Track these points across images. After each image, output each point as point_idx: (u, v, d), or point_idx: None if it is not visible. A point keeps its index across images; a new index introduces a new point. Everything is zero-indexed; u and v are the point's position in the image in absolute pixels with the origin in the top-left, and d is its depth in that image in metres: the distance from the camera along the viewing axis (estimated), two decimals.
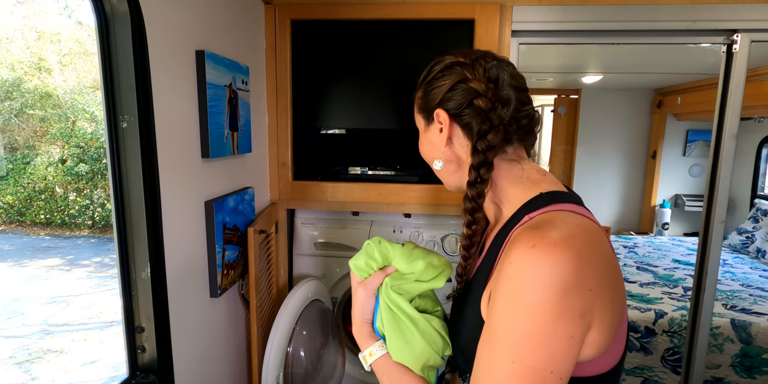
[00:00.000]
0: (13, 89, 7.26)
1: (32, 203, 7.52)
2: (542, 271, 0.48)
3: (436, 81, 0.67)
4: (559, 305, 0.48)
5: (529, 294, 0.49)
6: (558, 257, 0.48)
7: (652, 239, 3.67)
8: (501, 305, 0.51)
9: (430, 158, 0.71)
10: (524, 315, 0.49)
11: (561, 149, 4.11)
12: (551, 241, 0.49)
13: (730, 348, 2.01)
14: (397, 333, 0.67)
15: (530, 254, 0.49)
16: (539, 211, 0.58)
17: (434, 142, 0.68)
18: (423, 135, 0.72)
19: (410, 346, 0.67)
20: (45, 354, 3.93)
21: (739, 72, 1.33)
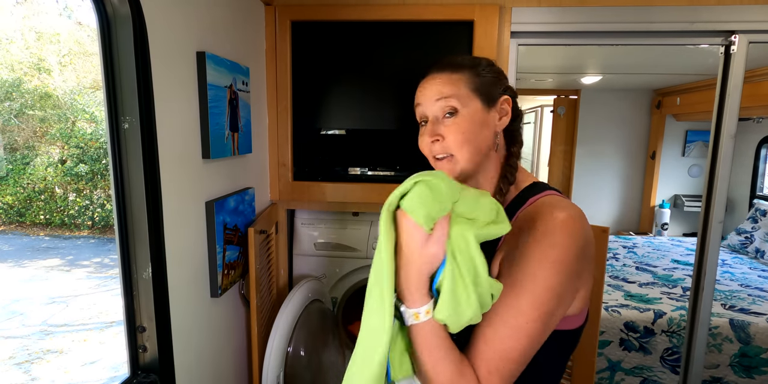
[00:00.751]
0: (12, 90, 7.26)
1: (32, 204, 7.52)
2: (567, 236, 0.62)
3: (498, 72, 0.77)
4: (573, 265, 0.62)
5: (555, 253, 0.61)
6: (577, 227, 0.63)
7: (652, 239, 3.68)
8: (529, 262, 0.62)
9: (474, 140, 0.72)
10: (551, 271, 0.61)
11: (560, 150, 4.12)
12: (571, 215, 0.64)
13: (728, 348, 2.01)
14: (452, 295, 0.58)
15: (557, 223, 0.63)
16: (540, 194, 0.70)
17: (488, 125, 0.74)
18: (471, 116, 0.72)
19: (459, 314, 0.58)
20: (45, 354, 3.93)
21: (737, 73, 1.33)
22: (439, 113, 0.73)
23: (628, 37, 1.33)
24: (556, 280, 0.61)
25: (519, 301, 0.62)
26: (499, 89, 0.75)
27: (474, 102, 0.72)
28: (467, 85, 0.73)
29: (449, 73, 0.74)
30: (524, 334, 0.62)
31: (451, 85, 0.72)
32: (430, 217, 0.57)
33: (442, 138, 0.73)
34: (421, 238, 0.58)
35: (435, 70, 0.75)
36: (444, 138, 0.73)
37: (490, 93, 0.74)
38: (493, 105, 0.74)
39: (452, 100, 0.72)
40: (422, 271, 0.59)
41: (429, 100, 0.74)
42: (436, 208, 0.57)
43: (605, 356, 2.11)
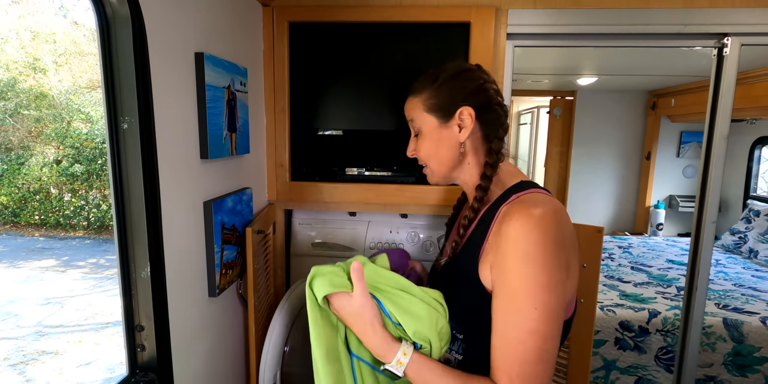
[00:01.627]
0: (7, 89, 7.22)
1: (27, 204, 7.47)
2: (543, 232, 0.64)
3: (454, 82, 0.80)
4: (556, 257, 0.65)
5: (537, 251, 0.64)
6: (552, 222, 0.65)
7: (647, 239, 3.71)
8: (514, 266, 0.65)
9: (435, 155, 0.82)
10: (537, 268, 0.64)
11: (556, 151, 4.14)
12: (546, 211, 0.66)
13: (722, 347, 2.04)
14: (401, 309, 0.69)
15: (528, 221, 0.65)
16: (523, 192, 0.74)
17: (445, 139, 0.80)
18: (428, 135, 0.82)
19: (416, 316, 0.69)
20: (40, 355, 3.91)
21: (729, 75, 1.35)
22: (412, 131, 0.86)
23: (623, 39, 1.35)
24: (545, 275, 0.64)
25: (517, 305, 0.65)
26: (457, 101, 0.78)
27: (429, 121, 0.81)
28: (422, 107, 0.81)
29: (411, 97, 0.84)
30: (532, 333, 0.64)
31: (412, 109, 0.83)
32: (333, 283, 0.71)
33: (416, 153, 0.86)
34: (346, 300, 0.71)
35: (408, 94, 0.86)
36: (417, 153, 0.86)
37: (446, 108, 0.79)
38: (449, 119, 0.79)
39: (414, 122, 0.83)
40: (370, 322, 0.70)
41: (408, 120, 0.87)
42: (328, 277, 0.72)
43: (600, 355, 2.12)
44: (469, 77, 0.80)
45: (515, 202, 0.71)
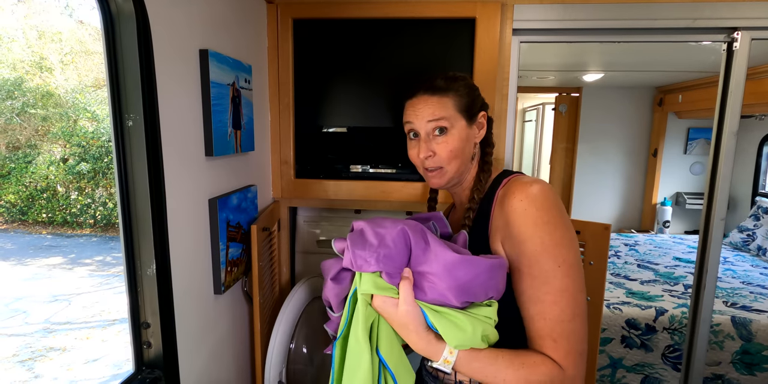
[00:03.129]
0: (14, 88, 7.27)
1: (34, 202, 7.54)
2: (547, 199, 0.71)
3: (474, 90, 0.87)
4: (563, 218, 0.71)
5: (545, 215, 0.69)
6: (547, 191, 0.72)
7: (653, 237, 3.68)
8: (528, 233, 0.69)
9: (461, 155, 0.84)
10: (550, 228, 0.69)
11: (562, 147, 4.12)
12: (543, 185, 0.73)
13: (730, 345, 2.02)
14: (444, 322, 0.67)
15: (530, 192, 0.72)
16: (512, 176, 0.81)
17: (470, 139, 0.85)
18: (459, 133, 0.83)
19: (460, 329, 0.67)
20: (48, 352, 3.95)
21: (739, 70, 1.33)
22: (431, 131, 0.84)
23: (630, 34, 1.33)
24: (558, 233, 0.69)
25: (541, 267, 0.69)
26: (477, 105, 0.86)
27: (460, 121, 0.83)
28: (454, 106, 0.83)
29: (439, 96, 0.83)
30: (563, 291, 0.68)
31: (442, 107, 0.83)
32: (378, 286, 0.68)
33: (434, 154, 0.84)
34: (391, 304, 0.69)
35: (424, 92, 0.84)
36: (435, 154, 0.84)
37: (472, 110, 0.85)
38: (473, 121, 0.85)
39: (443, 121, 0.82)
40: (414, 330, 0.68)
41: (421, 120, 0.83)
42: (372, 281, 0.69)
43: (607, 353, 2.11)
44: (476, 87, 0.90)
45: (510, 183, 0.77)
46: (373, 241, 0.69)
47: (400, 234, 0.69)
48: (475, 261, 0.67)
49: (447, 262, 0.67)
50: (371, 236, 0.70)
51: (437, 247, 0.68)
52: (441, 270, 0.67)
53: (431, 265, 0.68)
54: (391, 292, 0.69)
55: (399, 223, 0.71)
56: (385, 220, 0.74)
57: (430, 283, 0.68)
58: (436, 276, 0.67)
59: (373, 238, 0.70)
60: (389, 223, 0.72)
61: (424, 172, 0.88)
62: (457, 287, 0.67)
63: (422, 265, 0.69)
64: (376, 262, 0.67)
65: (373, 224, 0.73)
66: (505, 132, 1.37)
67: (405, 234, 0.69)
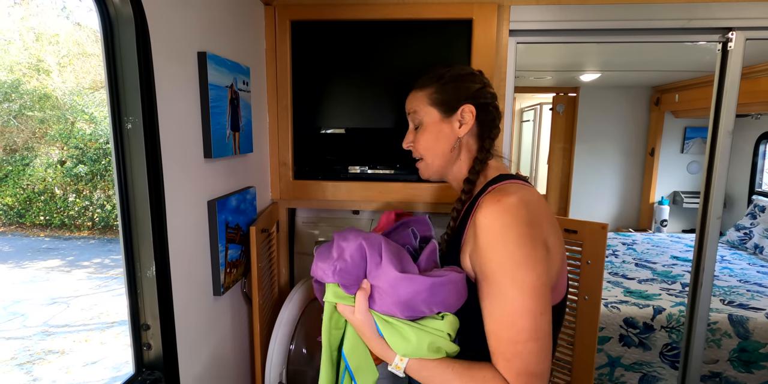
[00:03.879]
0: (11, 91, 7.25)
1: (32, 205, 7.52)
2: (511, 215, 0.68)
3: (459, 81, 0.85)
4: (529, 236, 0.67)
5: (508, 232, 0.67)
6: (516, 206, 0.69)
7: (651, 236, 3.70)
8: (489, 250, 0.68)
9: (433, 148, 0.86)
10: (511, 248, 0.67)
11: (560, 147, 4.13)
12: (510, 198, 0.69)
13: (727, 343, 2.03)
14: (393, 333, 0.72)
15: (498, 206, 0.69)
16: (499, 183, 0.79)
17: (445, 133, 0.85)
18: (429, 127, 0.86)
19: (406, 340, 0.71)
20: (46, 355, 3.94)
21: (734, 70, 1.34)
22: (411, 124, 0.90)
23: (626, 34, 1.34)
24: (519, 253, 0.67)
25: (499, 286, 0.68)
26: (458, 100, 0.84)
27: (432, 114, 0.85)
28: (427, 100, 0.85)
29: (415, 91, 0.88)
30: (520, 313, 0.66)
31: (415, 101, 0.87)
32: (337, 294, 0.75)
33: (413, 144, 0.89)
34: (348, 312, 0.74)
35: (412, 88, 0.90)
36: (414, 144, 0.89)
37: (450, 104, 0.84)
38: (451, 114, 0.84)
39: (416, 115, 0.87)
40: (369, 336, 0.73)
41: (407, 113, 0.91)
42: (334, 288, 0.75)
43: (605, 352, 2.12)
44: (473, 79, 0.87)
45: (489, 193, 0.76)
46: (333, 254, 0.75)
47: (358, 248, 0.74)
48: (415, 279, 0.70)
49: (389, 278, 0.71)
50: (333, 249, 0.76)
51: (386, 263, 0.72)
52: (386, 286, 0.71)
53: (380, 280, 0.72)
54: (349, 301, 0.74)
55: (360, 236, 0.76)
56: (351, 232, 0.78)
57: (380, 295, 0.73)
58: (384, 290, 0.72)
59: (335, 251, 0.75)
60: (352, 236, 0.76)
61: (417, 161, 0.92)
62: (400, 303, 0.70)
63: (375, 278, 0.73)
64: (332, 275, 0.73)
65: (340, 237, 0.78)
66: (503, 132, 1.38)
67: (362, 248, 0.74)
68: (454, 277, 0.71)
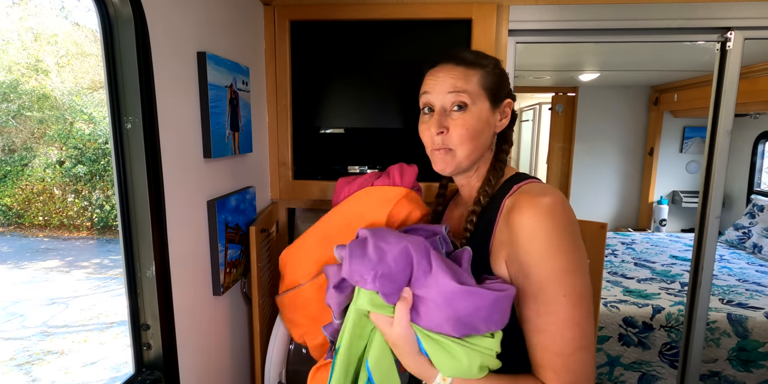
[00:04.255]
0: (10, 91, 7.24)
1: (31, 205, 7.50)
2: (557, 218, 0.64)
3: (504, 74, 0.78)
4: (573, 242, 0.64)
5: (554, 238, 0.63)
6: (559, 208, 0.65)
7: (650, 235, 3.70)
8: (535, 257, 0.64)
9: (476, 138, 0.74)
10: (558, 255, 0.63)
11: (559, 147, 4.13)
12: (549, 199, 0.65)
13: (726, 342, 2.03)
14: (439, 350, 0.64)
15: (540, 209, 0.64)
16: (522, 183, 0.73)
17: (490, 125, 0.76)
18: (478, 113, 0.73)
19: (454, 359, 0.63)
20: (45, 355, 3.93)
21: (732, 69, 1.34)
22: (448, 105, 0.73)
23: (625, 34, 1.34)
24: (565, 260, 0.63)
25: (546, 296, 0.63)
26: (504, 91, 0.77)
27: (483, 100, 0.73)
28: (480, 82, 0.73)
29: (465, 68, 0.73)
30: (567, 322, 0.63)
31: (465, 80, 0.72)
32: (373, 303, 0.65)
33: (446, 130, 0.73)
34: (385, 323, 0.65)
35: (448, 61, 0.74)
36: (448, 131, 0.73)
37: (498, 93, 0.75)
38: (497, 106, 0.76)
39: (464, 95, 0.72)
40: (408, 352, 0.64)
41: (440, 92, 0.73)
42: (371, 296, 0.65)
43: (604, 351, 2.12)
44: (507, 73, 0.79)
45: (519, 193, 0.70)
46: (372, 256, 0.64)
47: (403, 253, 0.64)
48: (478, 293, 0.61)
49: (447, 291, 0.61)
50: (372, 250, 0.65)
51: (439, 272, 0.62)
52: (440, 299, 0.61)
53: (430, 291, 0.62)
54: (387, 311, 0.65)
55: (404, 239, 0.66)
56: (389, 234, 0.68)
57: (428, 309, 0.63)
58: (435, 304, 0.62)
59: (374, 252, 0.64)
60: (393, 238, 0.66)
61: (432, 153, 0.77)
62: (456, 319, 0.61)
63: (422, 288, 0.63)
64: (372, 281, 0.63)
65: (377, 237, 0.67)
66: None
67: (407, 253, 0.64)
68: (512, 291, 0.63)
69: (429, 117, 0.76)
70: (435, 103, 0.74)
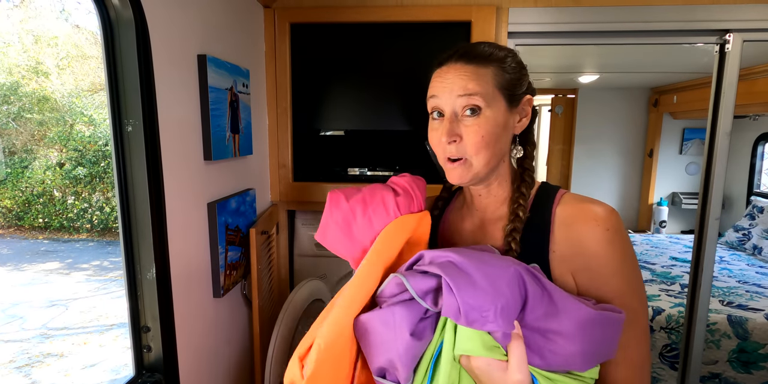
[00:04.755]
0: (10, 93, 7.25)
1: (30, 207, 7.50)
2: (620, 227, 0.63)
3: (523, 67, 0.69)
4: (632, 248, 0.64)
5: (627, 246, 0.63)
6: (616, 215, 0.64)
7: (650, 237, 3.70)
8: (619, 265, 0.62)
9: (495, 144, 0.65)
10: (634, 263, 0.63)
11: (558, 149, 4.14)
12: (605, 207, 0.64)
13: (727, 344, 2.03)
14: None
15: (607, 221, 0.62)
16: (560, 192, 0.69)
17: (508, 127, 0.67)
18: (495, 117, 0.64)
19: None
20: (45, 358, 3.92)
21: (731, 71, 1.35)
22: (459, 110, 0.64)
23: (624, 36, 1.35)
24: (638, 268, 0.64)
25: (629, 309, 0.60)
26: (522, 87, 0.68)
27: (498, 102, 0.65)
28: (494, 81, 0.64)
29: (476, 66, 0.64)
30: (647, 334, 0.63)
31: (478, 81, 0.64)
32: (486, 345, 0.52)
33: (459, 139, 0.64)
34: (498, 368, 0.53)
35: (458, 60, 0.66)
36: (462, 139, 0.64)
37: (515, 92, 0.66)
38: (515, 105, 0.67)
39: (477, 98, 0.63)
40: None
41: (450, 95, 0.64)
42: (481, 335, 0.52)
43: None
44: (525, 65, 0.70)
45: (575, 203, 0.66)
46: (486, 286, 0.51)
47: (515, 278, 0.53)
48: (611, 318, 0.54)
49: (582, 319, 0.52)
50: (481, 278, 0.52)
51: (562, 297, 0.53)
52: (573, 329, 0.52)
53: (558, 322, 0.52)
54: (497, 353, 0.53)
55: (505, 259, 0.56)
56: (484, 254, 0.56)
57: (552, 343, 0.53)
58: (565, 336, 0.52)
59: (484, 280, 0.51)
60: (495, 260, 0.55)
61: (445, 163, 0.67)
62: (591, 351, 0.53)
63: (542, 320, 0.53)
64: (495, 317, 0.50)
65: (475, 259, 0.54)
66: None
67: (520, 278, 0.53)
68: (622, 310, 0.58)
69: (439, 123, 0.66)
70: (444, 107, 0.65)
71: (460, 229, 0.75)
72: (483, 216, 0.73)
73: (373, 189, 0.67)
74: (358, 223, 0.64)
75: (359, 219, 0.64)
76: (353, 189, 0.68)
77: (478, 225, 0.73)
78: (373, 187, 0.68)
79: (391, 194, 0.66)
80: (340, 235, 0.66)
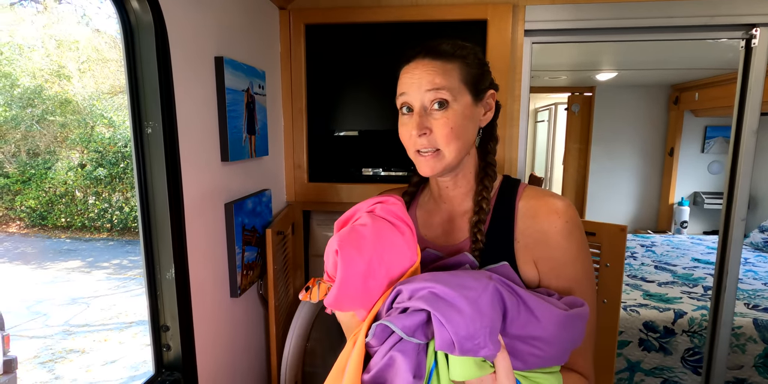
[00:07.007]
0: (34, 96, 7.47)
1: (53, 207, 7.72)
2: (577, 217, 0.70)
3: (485, 64, 0.74)
4: None
5: (582, 234, 0.71)
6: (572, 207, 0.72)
7: (671, 238, 3.61)
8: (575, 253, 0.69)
9: (462, 136, 0.69)
10: (587, 250, 0.71)
11: (575, 148, 4.07)
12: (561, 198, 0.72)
13: (752, 348, 1.97)
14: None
15: (568, 212, 0.70)
16: (521, 185, 0.75)
17: (474, 120, 0.72)
18: (462, 109, 0.68)
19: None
20: (67, 354, 4.03)
21: (758, 67, 1.30)
22: (428, 104, 0.68)
23: (645, 32, 1.31)
24: (590, 257, 0.73)
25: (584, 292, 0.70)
26: (486, 82, 0.72)
27: (464, 96, 0.69)
28: (459, 76, 0.68)
29: (442, 62, 0.68)
30: (594, 312, 0.71)
31: (444, 75, 0.67)
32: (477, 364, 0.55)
33: (429, 131, 0.68)
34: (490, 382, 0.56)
35: (425, 56, 0.69)
36: (431, 131, 0.68)
37: (479, 86, 0.71)
38: (480, 99, 0.71)
39: (444, 91, 0.67)
40: None
41: (418, 90, 0.68)
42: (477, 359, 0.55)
43: (624, 356, 2.08)
44: (487, 62, 0.75)
45: (537, 196, 0.73)
46: (470, 312, 0.52)
47: (494, 295, 0.54)
48: (578, 314, 0.57)
49: (556, 321, 0.55)
50: (465, 304, 0.52)
51: (536, 302, 0.55)
52: (552, 332, 0.55)
53: (535, 328, 0.55)
54: (487, 368, 0.56)
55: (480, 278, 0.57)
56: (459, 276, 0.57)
57: (533, 348, 0.56)
58: (544, 340, 0.55)
59: (468, 306, 0.52)
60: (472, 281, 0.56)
61: (415, 156, 0.72)
62: (568, 347, 0.57)
63: (521, 328, 0.55)
64: (486, 342, 0.52)
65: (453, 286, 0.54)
66: (518, 133, 1.36)
67: (499, 294, 0.55)
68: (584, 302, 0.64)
69: (408, 118, 0.71)
70: (413, 102, 0.69)
71: (430, 223, 0.80)
72: (451, 209, 0.78)
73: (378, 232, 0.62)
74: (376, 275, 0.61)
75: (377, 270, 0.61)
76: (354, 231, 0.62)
77: (447, 219, 0.78)
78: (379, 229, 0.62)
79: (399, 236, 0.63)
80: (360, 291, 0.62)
